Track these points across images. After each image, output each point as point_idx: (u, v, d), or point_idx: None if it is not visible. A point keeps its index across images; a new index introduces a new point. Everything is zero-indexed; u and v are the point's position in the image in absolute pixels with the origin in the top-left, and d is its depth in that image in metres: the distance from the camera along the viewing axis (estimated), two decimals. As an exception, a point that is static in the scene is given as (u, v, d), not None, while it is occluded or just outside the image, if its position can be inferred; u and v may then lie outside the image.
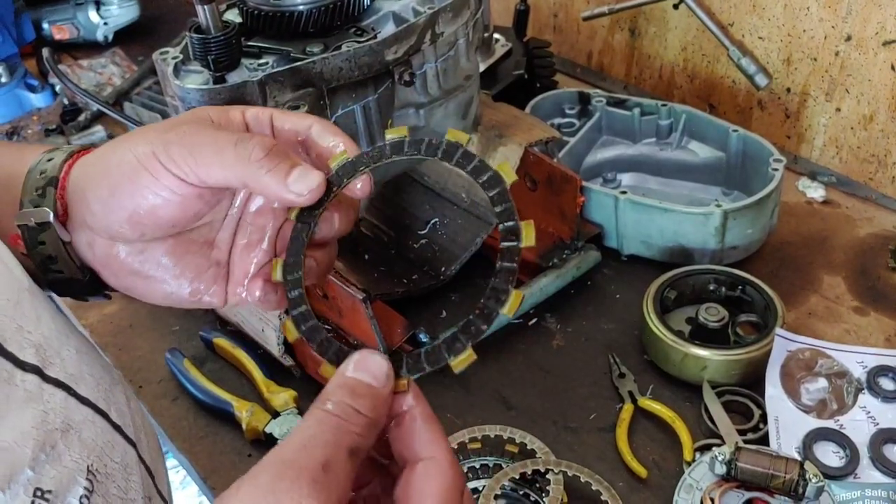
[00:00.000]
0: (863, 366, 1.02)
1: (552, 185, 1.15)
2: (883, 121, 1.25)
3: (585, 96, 1.40)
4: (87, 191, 0.57)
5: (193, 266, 0.59)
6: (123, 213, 0.55)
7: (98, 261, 0.59)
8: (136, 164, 0.54)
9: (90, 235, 0.58)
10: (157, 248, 0.58)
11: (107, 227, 0.56)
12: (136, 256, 0.58)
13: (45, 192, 0.57)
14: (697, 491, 0.89)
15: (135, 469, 0.59)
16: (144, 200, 0.54)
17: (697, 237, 1.15)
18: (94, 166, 0.58)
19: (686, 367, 1.02)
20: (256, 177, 0.52)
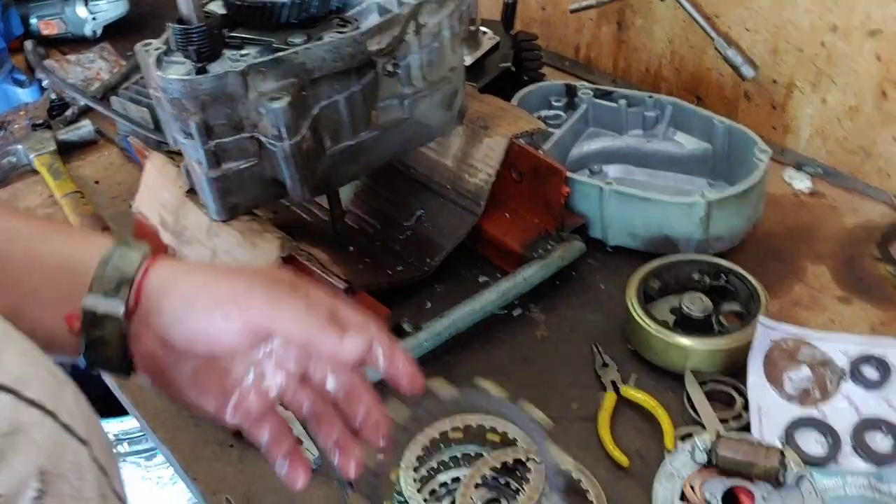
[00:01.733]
0: (846, 354, 1.02)
1: (537, 177, 1.15)
2: (869, 111, 1.25)
3: (572, 88, 1.39)
4: (164, 300, 0.65)
5: (209, 383, 0.68)
6: (188, 331, 0.64)
7: (139, 353, 0.66)
8: (219, 298, 0.65)
9: (143, 331, 0.65)
10: (190, 360, 0.67)
11: (165, 334, 0.65)
12: (171, 359, 0.66)
13: (119, 288, 0.64)
14: (678, 479, 0.89)
15: (88, 469, 0.59)
16: (210, 328, 0.64)
17: (682, 227, 1.15)
18: (180, 282, 0.66)
19: (669, 356, 1.02)
20: (317, 336, 0.65)
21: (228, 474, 0.97)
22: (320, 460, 0.95)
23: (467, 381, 1.05)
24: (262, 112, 0.94)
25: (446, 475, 0.92)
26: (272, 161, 0.98)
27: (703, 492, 0.87)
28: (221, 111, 0.94)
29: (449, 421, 0.95)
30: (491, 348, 1.10)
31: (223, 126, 0.95)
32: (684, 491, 0.87)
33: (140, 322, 0.65)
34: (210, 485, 0.96)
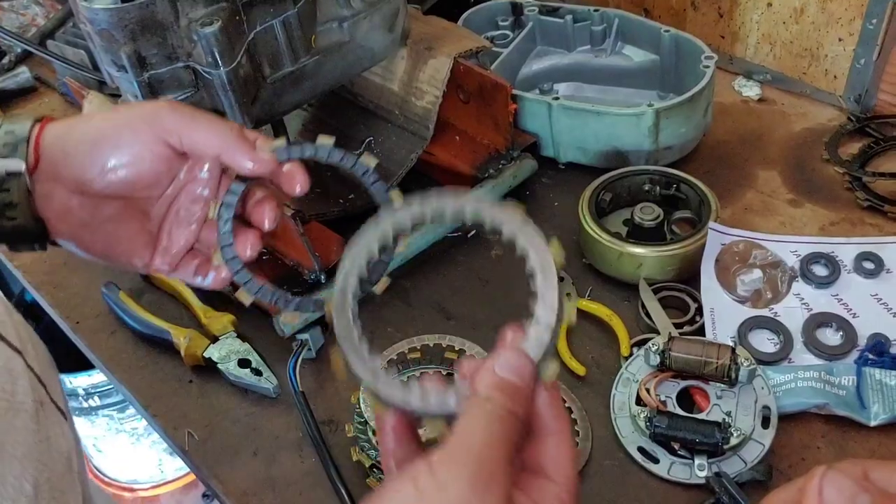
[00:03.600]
0: (796, 254, 1.04)
1: (483, 96, 1.13)
2: (813, 13, 1.24)
3: (518, 7, 1.37)
4: (67, 144, 0.63)
5: (131, 228, 0.67)
6: (100, 164, 0.62)
7: (53, 211, 0.64)
8: (122, 123, 0.63)
9: (52, 187, 0.63)
10: (108, 205, 0.65)
11: (80, 176, 0.63)
12: (88, 210, 0.64)
13: (15, 147, 0.62)
14: (634, 383, 0.90)
15: (22, 374, 0.59)
16: (124, 157, 0.63)
17: (632, 139, 1.14)
18: (77, 126, 0.65)
19: (622, 266, 1.02)
20: (233, 151, 0.63)
21: (189, 409, 0.96)
22: (279, 389, 0.95)
23: (422, 303, 1.05)
24: (194, 39, 0.92)
25: (406, 395, 0.92)
26: (210, 91, 0.96)
27: (658, 393, 0.88)
28: (153, 40, 0.91)
29: (406, 342, 0.96)
30: (447, 270, 1.10)
31: (156, 56, 0.93)
32: (640, 394, 0.88)
33: (46, 178, 0.63)
34: (171, 420, 0.95)
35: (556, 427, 0.51)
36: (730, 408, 0.86)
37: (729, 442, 0.82)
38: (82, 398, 1.91)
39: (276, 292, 0.69)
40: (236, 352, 0.98)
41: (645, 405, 0.88)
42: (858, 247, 1.04)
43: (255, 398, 0.97)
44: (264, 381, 0.95)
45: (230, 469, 0.90)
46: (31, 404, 0.58)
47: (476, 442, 0.46)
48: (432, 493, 0.43)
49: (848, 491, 0.39)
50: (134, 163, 0.64)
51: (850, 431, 0.88)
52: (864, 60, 1.22)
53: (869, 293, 0.99)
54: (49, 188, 0.63)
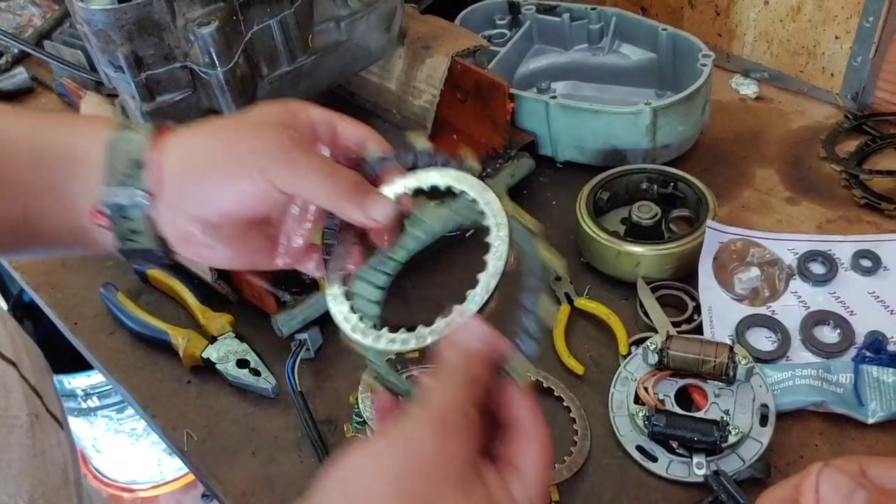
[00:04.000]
0: (794, 252, 1.04)
1: (481, 95, 1.13)
2: (810, 11, 1.24)
3: (515, 6, 1.37)
4: (188, 182, 0.62)
5: (253, 240, 0.66)
6: (219, 207, 0.62)
7: (176, 235, 0.64)
8: (243, 172, 0.61)
9: (173, 215, 0.63)
10: (229, 228, 0.64)
11: (197, 212, 0.62)
12: (210, 233, 0.64)
13: (134, 174, 0.61)
14: (632, 382, 0.90)
15: (16, 387, 0.58)
16: (241, 201, 0.62)
17: (629, 137, 1.14)
18: (197, 158, 0.63)
19: (620, 265, 1.02)
20: (345, 208, 0.62)
21: (188, 410, 0.96)
22: (277, 389, 0.95)
23: (422, 302, 1.05)
24: (191, 39, 0.92)
25: (404, 395, 0.92)
26: (207, 90, 0.96)
27: (657, 392, 0.88)
28: (150, 41, 0.91)
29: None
30: (445, 270, 1.10)
31: (153, 56, 0.93)
32: (638, 392, 0.88)
33: (167, 206, 0.62)
34: (169, 421, 0.95)
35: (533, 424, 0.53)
36: (728, 406, 0.86)
37: (727, 440, 0.82)
38: (81, 399, 1.91)
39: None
40: (235, 352, 0.98)
41: (643, 404, 0.88)
42: (856, 244, 1.04)
43: (253, 398, 0.97)
44: (263, 382, 0.95)
45: (229, 469, 0.90)
46: (26, 418, 0.58)
47: (436, 396, 0.50)
48: (395, 437, 0.48)
49: (844, 487, 0.40)
50: (250, 202, 0.62)
51: (848, 429, 0.88)
52: (860, 58, 1.22)
53: (866, 291, 0.99)
54: (170, 217, 0.63)
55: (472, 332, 0.54)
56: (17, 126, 0.66)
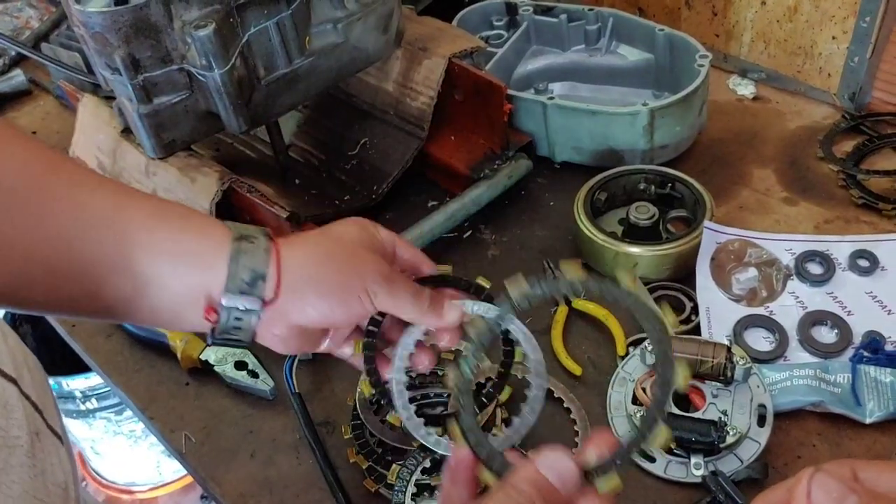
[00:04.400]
0: (791, 253, 1.04)
1: (478, 95, 1.13)
2: (807, 11, 1.24)
3: (512, 6, 1.37)
4: (304, 297, 0.68)
5: (317, 338, 0.74)
6: (325, 320, 0.69)
7: (267, 334, 0.70)
8: (353, 295, 0.68)
9: (278, 320, 0.68)
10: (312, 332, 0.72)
11: (300, 321, 0.68)
12: (295, 334, 0.70)
13: (255, 285, 0.66)
14: (630, 383, 0.90)
15: (17, 406, 0.58)
16: (349, 318, 0.71)
17: (626, 138, 1.14)
18: (312, 277, 0.68)
19: (618, 266, 1.02)
20: (426, 319, 0.72)
21: (186, 411, 0.96)
22: (275, 390, 0.95)
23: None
24: (188, 42, 0.92)
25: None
26: (205, 93, 0.96)
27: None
28: (147, 43, 0.91)
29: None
30: (442, 271, 1.10)
31: (150, 59, 0.93)
32: (636, 393, 0.88)
33: (276, 313, 0.68)
34: (168, 423, 0.95)
35: None
36: (726, 406, 0.86)
37: (725, 440, 0.82)
38: (80, 400, 1.91)
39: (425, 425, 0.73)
40: (233, 354, 0.98)
41: (641, 404, 0.88)
42: (853, 244, 1.04)
43: (251, 400, 0.97)
44: (261, 383, 0.95)
45: (227, 471, 0.90)
46: (27, 437, 0.58)
47: None
48: None
49: (836, 492, 0.40)
50: (352, 319, 0.72)
51: (846, 429, 0.88)
52: (857, 58, 1.22)
53: (864, 291, 0.99)
54: (273, 321, 0.68)
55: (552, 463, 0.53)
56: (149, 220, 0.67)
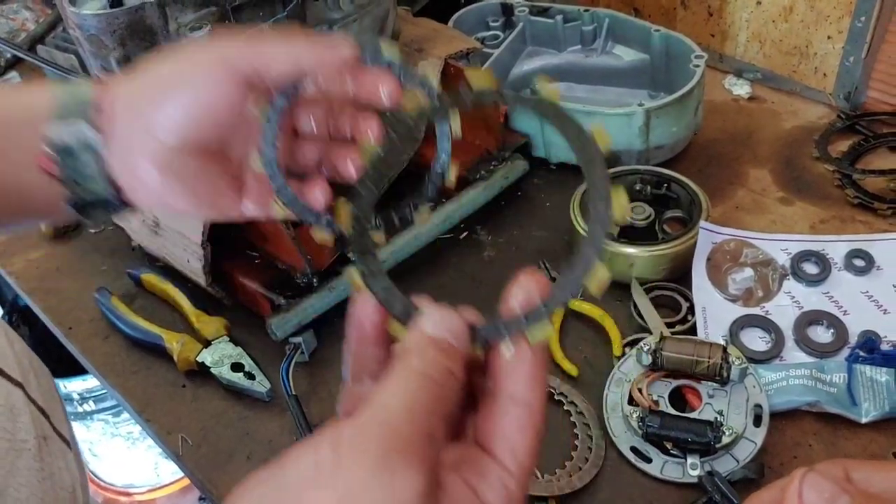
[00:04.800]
0: (787, 253, 1.04)
1: (474, 97, 1.13)
2: (802, 11, 1.25)
3: (508, 7, 1.37)
4: (136, 101, 0.58)
5: (214, 178, 0.61)
6: (172, 119, 0.56)
7: (129, 177, 0.59)
8: (189, 65, 0.57)
9: (126, 153, 0.58)
10: (185, 159, 0.59)
11: (147, 140, 0.57)
12: (165, 167, 0.58)
13: (83, 111, 0.58)
14: (626, 383, 0.90)
15: (23, 410, 0.58)
16: (195, 100, 0.56)
17: (622, 138, 1.15)
18: (142, 79, 0.59)
19: (614, 266, 1.02)
20: (309, 55, 0.56)
21: (182, 414, 0.96)
22: (272, 392, 0.95)
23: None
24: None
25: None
26: (200, 95, 0.96)
27: (651, 393, 0.88)
28: (142, 45, 0.91)
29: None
30: (439, 272, 1.10)
31: (145, 61, 0.93)
32: (632, 394, 0.88)
33: (119, 145, 0.59)
34: (164, 425, 0.95)
35: (524, 397, 0.43)
36: (722, 407, 0.86)
37: (721, 441, 0.83)
38: (77, 403, 1.91)
39: (307, 207, 0.62)
40: (229, 356, 0.98)
41: (637, 405, 0.88)
42: (849, 244, 1.04)
43: (248, 402, 0.97)
44: (257, 385, 0.95)
45: (224, 473, 0.90)
46: (34, 441, 0.57)
47: (393, 413, 0.39)
48: (329, 472, 0.37)
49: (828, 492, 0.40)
50: (207, 106, 0.57)
51: (842, 429, 0.88)
52: (853, 58, 1.22)
53: (859, 290, 1.00)
54: (122, 156, 0.59)
55: (440, 321, 0.44)
56: None
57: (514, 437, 0.42)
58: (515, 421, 0.42)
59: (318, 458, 0.37)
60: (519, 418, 0.43)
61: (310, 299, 0.99)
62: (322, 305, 1.00)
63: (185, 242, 1.00)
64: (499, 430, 0.42)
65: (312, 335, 0.99)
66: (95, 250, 1.18)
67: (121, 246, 1.17)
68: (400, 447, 0.37)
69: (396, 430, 0.38)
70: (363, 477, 0.36)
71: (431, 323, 0.44)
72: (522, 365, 0.43)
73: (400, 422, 0.38)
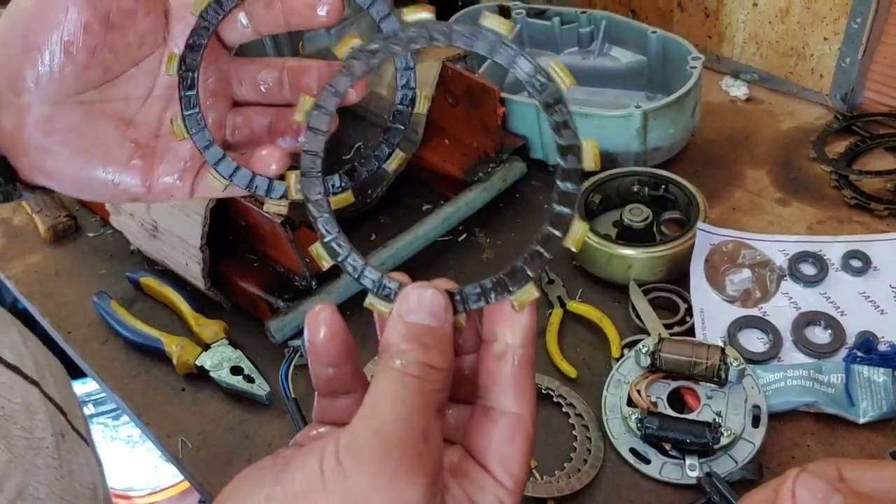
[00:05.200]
0: (784, 254, 1.04)
1: (472, 99, 1.14)
2: (799, 12, 1.25)
3: (505, 9, 1.38)
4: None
5: (105, 140, 0.55)
6: (34, 56, 0.51)
7: (6, 138, 0.54)
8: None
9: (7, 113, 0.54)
10: (65, 114, 0.54)
11: (12, 76, 0.52)
12: (43, 125, 0.54)
13: None
14: (625, 385, 0.90)
15: (40, 407, 0.57)
16: (48, 29, 0.51)
17: (620, 140, 1.15)
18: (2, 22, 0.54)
19: (612, 268, 1.03)
20: None
21: (182, 417, 0.96)
22: (271, 395, 0.95)
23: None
24: (182, 48, 0.92)
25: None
26: (198, 99, 0.96)
27: (649, 394, 0.88)
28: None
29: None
30: (438, 274, 1.08)
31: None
32: (630, 395, 0.89)
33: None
34: (164, 428, 0.96)
35: (515, 407, 0.42)
36: (720, 408, 0.87)
37: (719, 442, 0.83)
38: (76, 406, 1.91)
39: (253, 174, 0.56)
40: (228, 359, 0.98)
41: (636, 406, 0.88)
42: (846, 245, 1.04)
43: (247, 405, 0.97)
44: (257, 388, 0.96)
45: (224, 476, 0.90)
46: (51, 438, 0.57)
47: (383, 418, 0.38)
48: (335, 481, 0.37)
49: (820, 492, 0.40)
50: (63, 36, 0.51)
51: (840, 429, 0.88)
52: (849, 59, 1.22)
53: (857, 291, 1.00)
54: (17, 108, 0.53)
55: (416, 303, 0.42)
56: None
57: (506, 449, 0.42)
58: (507, 433, 0.42)
59: (324, 465, 0.38)
60: (510, 430, 0.42)
61: (308, 302, 0.99)
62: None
63: (183, 246, 1.01)
64: (491, 444, 0.42)
65: (311, 338, 0.99)
66: (94, 254, 1.19)
67: (119, 250, 1.17)
68: (397, 454, 0.38)
69: (390, 436, 0.38)
70: (365, 483, 0.37)
71: (407, 308, 0.42)
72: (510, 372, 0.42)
73: (393, 428, 0.38)
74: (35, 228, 1.23)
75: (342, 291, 1.01)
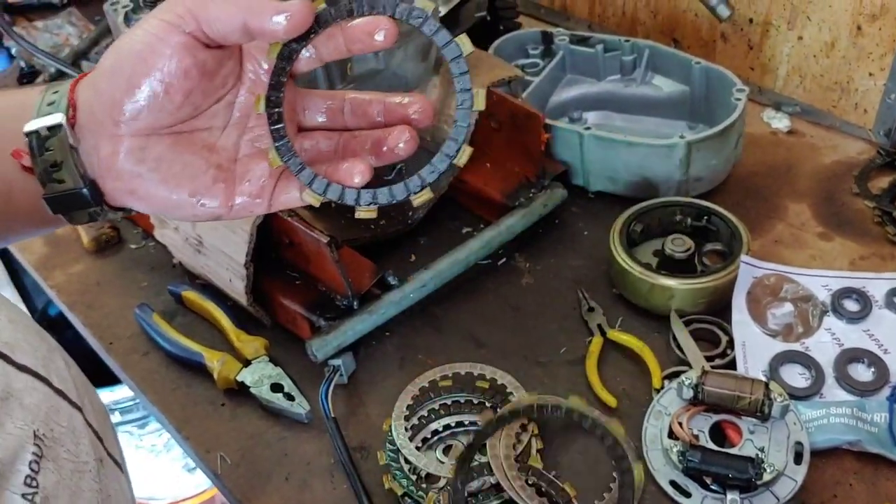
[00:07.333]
0: (827, 289, 1.04)
1: (515, 124, 1.14)
2: (844, 47, 1.25)
3: (548, 36, 1.38)
4: (97, 82, 0.59)
5: (192, 166, 0.61)
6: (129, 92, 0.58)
7: (101, 165, 0.60)
8: (144, 36, 0.58)
9: (95, 140, 0.60)
10: (156, 144, 0.60)
11: (114, 113, 0.58)
12: (136, 154, 0.60)
13: (53, 104, 0.60)
14: (666, 416, 0.90)
15: (83, 433, 0.59)
16: (152, 70, 0.58)
17: (662, 170, 1.15)
18: (102, 63, 0.60)
19: (653, 298, 1.03)
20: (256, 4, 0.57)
21: (221, 432, 0.97)
22: (311, 414, 0.95)
23: (453, 330, 1.06)
24: (236, 67, 0.93)
25: (437, 423, 0.93)
26: (249, 117, 0.97)
27: (691, 427, 0.88)
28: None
29: (438, 370, 0.96)
30: (477, 298, 1.10)
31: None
32: (672, 427, 0.88)
33: (87, 129, 0.60)
34: (203, 443, 0.96)
35: None
36: (763, 443, 0.86)
37: (762, 478, 0.82)
38: (103, 414, 1.92)
39: (343, 187, 0.61)
40: (269, 376, 0.99)
41: (677, 438, 0.88)
42: (890, 282, 1.04)
43: (286, 423, 0.97)
44: (296, 406, 0.96)
45: (262, 494, 0.90)
46: (94, 463, 0.58)
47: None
48: None
49: None
50: (169, 74, 0.58)
51: (883, 468, 0.87)
52: (894, 95, 1.22)
53: (901, 329, 0.99)
54: (92, 141, 0.60)
55: None
56: None
57: None
58: None
59: None
60: None
61: (350, 322, 0.99)
62: (362, 328, 1.00)
63: (228, 262, 1.02)
64: None
65: (351, 358, 1.00)
66: (136, 266, 1.20)
67: (161, 263, 1.18)
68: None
69: None
70: None
71: None
72: None
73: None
74: (78, 238, 1.24)
75: (384, 312, 1.01)
